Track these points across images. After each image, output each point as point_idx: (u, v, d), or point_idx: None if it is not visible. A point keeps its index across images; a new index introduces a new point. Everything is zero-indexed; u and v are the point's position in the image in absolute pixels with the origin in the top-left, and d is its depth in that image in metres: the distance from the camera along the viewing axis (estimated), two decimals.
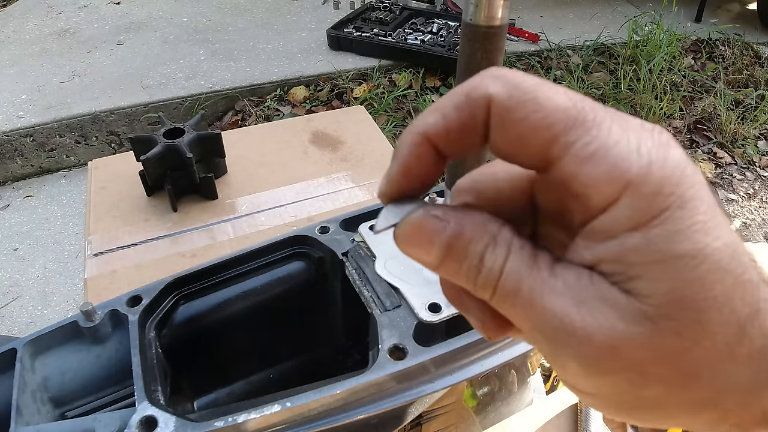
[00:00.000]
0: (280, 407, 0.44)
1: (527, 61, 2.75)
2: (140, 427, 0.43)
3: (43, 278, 1.82)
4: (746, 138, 2.56)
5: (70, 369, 0.53)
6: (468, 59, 0.44)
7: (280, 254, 0.63)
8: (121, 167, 1.11)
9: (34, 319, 1.70)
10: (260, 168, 1.13)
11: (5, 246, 1.94)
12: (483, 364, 0.49)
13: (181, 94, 2.34)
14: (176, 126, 1.04)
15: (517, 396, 0.76)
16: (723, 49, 3.08)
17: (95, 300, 0.54)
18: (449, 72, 2.53)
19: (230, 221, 1.01)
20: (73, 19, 3.00)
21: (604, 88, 2.65)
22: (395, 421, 0.54)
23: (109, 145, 2.32)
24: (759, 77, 2.86)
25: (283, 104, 2.40)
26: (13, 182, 2.24)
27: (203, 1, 3.19)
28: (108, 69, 2.52)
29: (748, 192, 2.35)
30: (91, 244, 0.95)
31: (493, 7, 0.41)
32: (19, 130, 2.17)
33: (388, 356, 0.47)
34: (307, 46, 2.69)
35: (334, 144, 1.22)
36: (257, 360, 0.69)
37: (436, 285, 0.53)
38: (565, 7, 3.34)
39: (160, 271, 0.61)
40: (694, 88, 2.77)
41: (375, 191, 1.07)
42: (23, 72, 2.50)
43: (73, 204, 2.11)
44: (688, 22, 3.35)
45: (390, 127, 2.27)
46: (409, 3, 3.08)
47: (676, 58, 2.83)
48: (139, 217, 1.01)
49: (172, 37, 2.79)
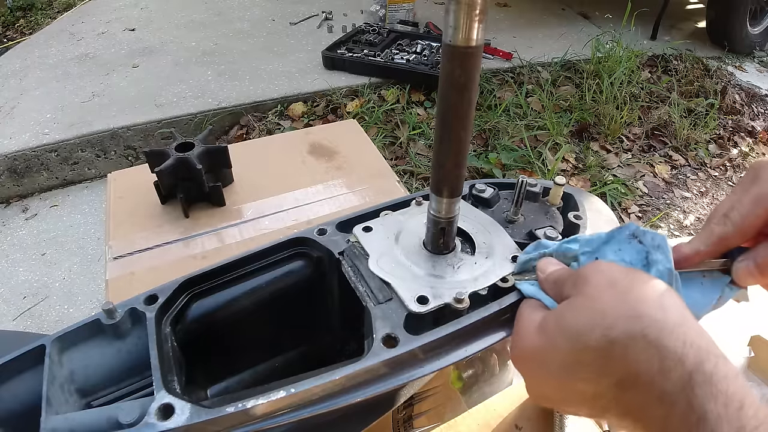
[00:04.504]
0: (285, 393, 0.44)
1: (502, 77, 2.76)
2: (158, 413, 0.43)
3: (68, 280, 1.81)
4: (698, 142, 2.59)
5: (94, 362, 0.52)
6: (448, 76, 0.44)
7: (282, 254, 0.63)
8: (138, 178, 1.10)
9: (61, 317, 1.69)
10: (263, 177, 1.13)
11: (34, 251, 1.92)
12: (467, 349, 0.49)
13: (191, 111, 2.33)
14: (187, 140, 1.03)
15: (498, 377, 0.76)
16: (676, 63, 3.11)
17: (116, 299, 0.54)
18: (432, 88, 2.53)
19: (237, 225, 1.00)
20: (92, 45, 2.98)
21: (571, 100, 2.66)
22: (389, 402, 0.54)
23: (126, 159, 2.31)
24: (708, 88, 2.89)
25: (284, 119, 2.39)
26: (40, 193, 2.22)
27: (210, 27, 3.18)
28: (124, 89, 2.51)
29: (701, 190, 2.37)
30: (112, 248, 0.94)
31: (469, 29, 0.41)
32: (45, 146, 2.15)
33: (382, 345, 0.47)
34: (304, 67, 2.69)
35: (329, 154, 1.21)
36: (264, 351, 0.69)
37: (423, 279, 0.54)
38: (535, 28, 3.35)
39: (174, 272, 0.61)
40: (651, 98, 2.79)
41: (367, 196, 1.07)
42: (48, 93, 2.49)
43: (94, 212, 2.10)
44: (644, 40, 3.38)
45: (380, 138, 2.27)
46: (396, 26, 3.09)
47: (635, 72, 2.85)
48: (154, 224, 1.00)
49: (182, 60, 2.78)
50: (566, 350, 0.39)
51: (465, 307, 0.50)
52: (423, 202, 0.65)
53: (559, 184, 0.65)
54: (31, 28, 4.03)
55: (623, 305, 0.37)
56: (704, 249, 0.44)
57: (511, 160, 2.23)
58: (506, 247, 0.58)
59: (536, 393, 0.45)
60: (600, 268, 0.41)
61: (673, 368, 0.33)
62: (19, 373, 0.50)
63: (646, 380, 0.34)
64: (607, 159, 2.39)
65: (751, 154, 2.59)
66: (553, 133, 2.39)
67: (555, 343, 0.40)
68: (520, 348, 0.44)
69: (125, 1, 3.62)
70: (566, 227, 0.63)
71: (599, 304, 0.38)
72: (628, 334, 0.35)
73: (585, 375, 0.38)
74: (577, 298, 0.40)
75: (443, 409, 0.74)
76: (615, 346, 0.35)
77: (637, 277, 0.39)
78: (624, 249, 0.45)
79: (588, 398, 0.39)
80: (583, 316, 0.38)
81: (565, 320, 0.40)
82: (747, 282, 0.44)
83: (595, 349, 0.36)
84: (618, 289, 0.38)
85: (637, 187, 2.27)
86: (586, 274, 0.41)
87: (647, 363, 0.34)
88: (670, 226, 2.14)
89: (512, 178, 1.04)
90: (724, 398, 0.32)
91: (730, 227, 0.43)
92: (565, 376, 0.39)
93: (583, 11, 3.74)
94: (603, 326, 0.36)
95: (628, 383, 0.35)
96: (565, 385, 0.40)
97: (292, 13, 3.36)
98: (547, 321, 0.42)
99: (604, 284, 0.39)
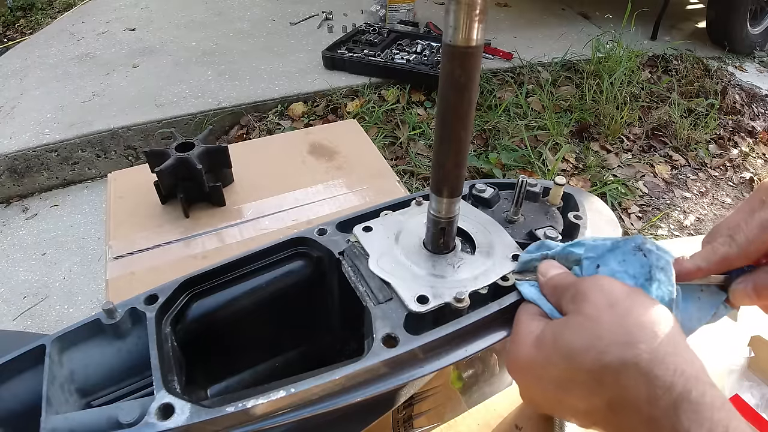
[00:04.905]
0: (285, 393, 0.44)
1: (502, 77, 2.76)
2: (159, 413, 0.43)
3: (68, 280, 1.81)
4: (698, 142, 2.59)
5: (94, 362, 0.52)
6: (448, 76, 0.44)
7: (282, 254, 0.63)
8: (138, 178, 1.10)
9: (61, 317, 1.69)
10: (264, 177, 1.13)
11: (34, 251, 1.92)
12: (467, 349, 0.49)
13: (191, 111, 2.33)
14: (187, 140, 1.03)
15: (498, 377, 0.76)
16: (676, 63, 3.10)
17: (116, 299, 0.54)
18: (432, 88, 2.53)
19: (237, 225, 1.00)
20: (93, 45, 2.98)
21: (571, 100, 2.66)
22: (389, 402, 0.54)
23: (126, 159, 2.31)
24: (708, 88, 2.89)
25: (284, 119, 2.39)
26: (41, 193, 2.22)
27: (210, 27, 3.18)
28: (124, 89, 2.51)
29: (701, 190, 2.37)
30: (112, 248, 0.94)
31: (470, 29, 0.41)
32: (45, 145, 2.15)
33: (382, 344, 0.47)
34: (304, 66, 2.69)
35: (330, 154, 1.21)
36: (264, 350, 0.69)
37: (423, 279, 0.54)
38: (535, 28, 3.35)
39: (174, 272, 0.61)
40: (651, 98, 2.79)
41: (367, 196, 1.07)
42: (48, 93, 2.49)
43: (94, 212, 2.10)
44: (644, 40, 3.38)
45: (380, 138, 2.28)
46: (396, 26, 3.09)
47: (635, 72, 2.85)
48: (155, 223, 1.00)
49: (183, 60, 2.78)
50: (561, 368, 0.40)
51: (465, 307, 0.50)
52: (423, 202, 0.65)
53: (559, 184, 0.65)
54: (31, 27, 4.04)
55: (620, 329, 0.38)
56: (706, 266, 0.45)
57: (511, 160, 2.23)
58: (506, 245, 0.58)
59: (528, 399, 0.47)
60: (600, 285, 0.42)
61: (661, 396, 0.35)
62: (19, 373, 0.50)
63: (634, 405, 0.36)
64: (608, 159, 2.39)
65: (751, 155, 2.59)
66: (554, 133, 2.39)
67: (551, 360, 0.41)
68: (516, 358, 0.45)
69: (125, 1, 3.62)
70: (566, 227, 0.63)
71: (596, 327, 0.39)
72: (621, 361, 0.36)
73: (577, 393, 0.39)
74: (576, 317, 0.41)
75: (443, 409, 0.74)
76: (607, 370, 0.37)
77: (638, 300, 0.40)
78: (628, 261, 0.45)
79: (579, 412, 0.40)
80: (580, 337, 0.39)
81: (563, 338, 0.41)
82: (743, 303, 0.45)
83: (589, 371, 0.38)
84: (616, 311, 0.39)
85: (637, 187, 2.27)
86: (585, 291, 0.42)
87: (636, 389, 0.36)
88: (670, 226, 2.14)
89: (512, 178, 1.04)
90: (709, 424, 0.33)
91: (735, 249, 0.43)
92: (558, 391, 0.41)
93: (584, 11, 3.74)
94: (598, 350, 0.38)
95: (617, 406, 0.37)
96: (557, 397, 0.41)
97: (292, 13, 3.36)
98: (545, 335, 0.43)
99: (604, 304, 0.40)
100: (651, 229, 2.09)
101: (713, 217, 2.23)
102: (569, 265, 0.49)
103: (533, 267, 0.52)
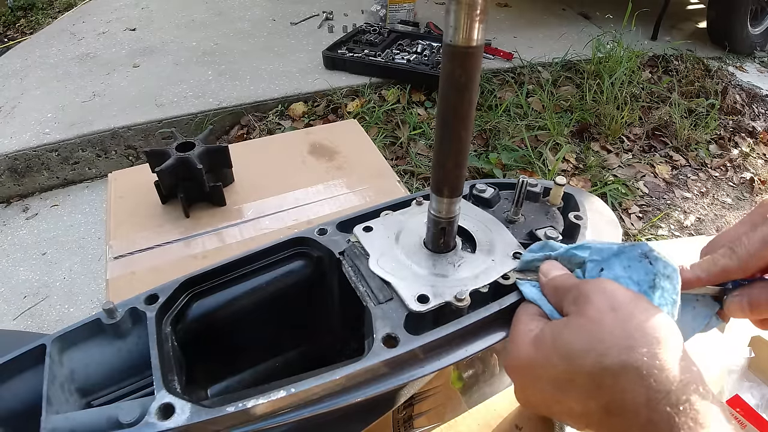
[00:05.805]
0: (285, 393, 0.44)
1: (502, 77, 2.76)
2: (159, 413, 0.43)
3: (69, 280, 1.81)
4: (699, 143, 2.59)
5: (95, 362, 0.52)
6: (448, 76, 0.44)
7: (282, 254, 0.63)
8: (138, 178, 1.10)
9: (61, 317, 1.69)
10: (264, 177, 1.13)
11: (34, 251, 1.92)
12: (468, 349, 0.49)
13: (192, 111, 2.33)
14: (187, 140, 1.03)
15: (499, 377, 0.76)
16: (677, 63, 3.10)
17: (116, 299, 0.54)
18: (433, 88, 2.53)
19: (237, 225, 1.00)
20: (93, 45, 2.98)
21: (571, 100, 2.66)
22: (389, 402, 0.54)
23: (127, 158, 2.31)
24: (709, 88, 2.89)
25: (284, 119, 2.39)
26: (41, 193, 2.22)
27: (210, 27, 3.18)
28: (125, 89, 2.51)
29: (701, 191, 2.37)
30: (112, 248, 0.94)
31: (470, 29, 0.41)
32: (46, 145, 2.16)
33: (382, 344, 0.47)
34: (304, 66, 2.69)
35: (330, 154, 1.21)
36: (264, 350, 0.69)
37: (424, 279, 0.54)
38: (535, 28, 3.35)
39: (175, 272, 0.61)
40: (651, 98, 2.79)
41: (367, 196, 1.07)
42: (48, 93, 2.49)
43: (95, 212, 2.10)
44: (645, 40, 3.38)
45: (381, 138, 2.27)
46: (396, 26, 3.09)
47: (635, 72, 2.85)
48: (155, 223, 1.00)
49: (183, 60, 2.77)
50: (560, 369, 0.40)
51: (466, 305, 0.50)
52: (423, 202, 0.65)
53: (559, 184, 0.65)
54: (31, 27, 4.03)
55: (622, 333, 0.38)
56: (705, 277, 0.45)
57: (512, 160, 2.23)
58: (507, 243, 0.58)
59: (524, 400, 0.46)
60: (603, 289, 0.42)
61: (660, 401, 0.35)
62: (19, 373, 0.50)
63: (632, 409, 0.36)
64: (608, 159, 2.38)
65: (752, 155, 2.59)
66: (554, 133, 2.39)
67: (549, 360, 0.41)
68: (514, 357, 0.45)
69: (126, 1, 3.62)
70: (567, 227, 0.63)
71: (598, 329, 0.39)
72: (621, 365, 0.36)
73: (574, 394, 0.39)
74: (577, 318, 0.41)
75: (443, 409, 0.74)
76: (607, 374, 0.37)
77: (640, 305, 0.40)
78: (633, 267, 0.45)
79: (575, 415, 0.40)
80: (581, 339, 0.39)
81: (562, 339, 0.40)
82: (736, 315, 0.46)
83: (588, 372, 0.38)
84: (619, 315, 0.39)
85: (637, 187, 2.27)
86: (588, 293, 0.42)
87: (634, 394, 0.36)
88: (670, 227, 2.14)
89: (513, 178, 1.04)
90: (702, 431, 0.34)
91: (735, 262, 0.44)
92: (554, 391, 0.40)
93: (584, 11, 3.74)
94: (598, 352, 0.38)
95: (614, 409, 0.37)
96: (554, 398, 0.41)
97: (292, 13, 3.35)
98: (544, 335, 0.43)
99: (606, 308, 0.40)
100: (651, 230, 2.09)
101: (713, 217, 2.23)
102: (571, 267, 0.49)
103: (535, 267, 0.52)
